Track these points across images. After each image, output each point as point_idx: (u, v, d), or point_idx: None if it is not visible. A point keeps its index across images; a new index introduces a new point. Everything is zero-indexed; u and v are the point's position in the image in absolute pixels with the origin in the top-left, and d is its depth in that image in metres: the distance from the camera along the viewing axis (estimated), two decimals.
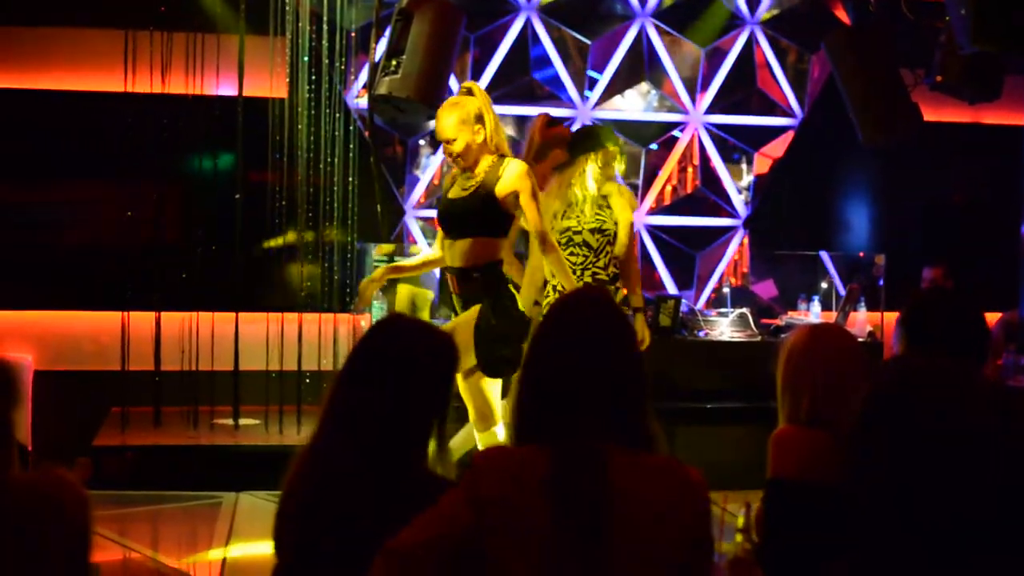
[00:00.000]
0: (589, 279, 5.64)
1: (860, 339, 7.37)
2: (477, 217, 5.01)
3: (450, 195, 5.15)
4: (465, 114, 5.06)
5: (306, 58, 7.46)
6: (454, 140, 5.05)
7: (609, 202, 5.70)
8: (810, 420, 3.04)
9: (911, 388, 1.79)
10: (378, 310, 7.13)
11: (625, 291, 5.76)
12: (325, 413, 2.75)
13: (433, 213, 9.02)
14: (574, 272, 5.62)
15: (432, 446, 2.74)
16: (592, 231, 5.64)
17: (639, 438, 2.33)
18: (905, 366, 1.88)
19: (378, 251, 7.71)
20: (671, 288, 8.89)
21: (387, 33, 6.71)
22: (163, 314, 7.37)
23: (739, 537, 2.66)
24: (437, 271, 6.67)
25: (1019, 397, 1.80)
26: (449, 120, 5.06)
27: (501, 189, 4.95)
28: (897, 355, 2.49)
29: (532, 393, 2.37)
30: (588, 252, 5.67)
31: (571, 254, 5.66)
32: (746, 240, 9.24)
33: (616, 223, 5.68)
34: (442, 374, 2.79)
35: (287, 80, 7.48)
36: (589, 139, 5.73)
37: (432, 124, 8.50)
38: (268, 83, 7.41)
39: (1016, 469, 1.73)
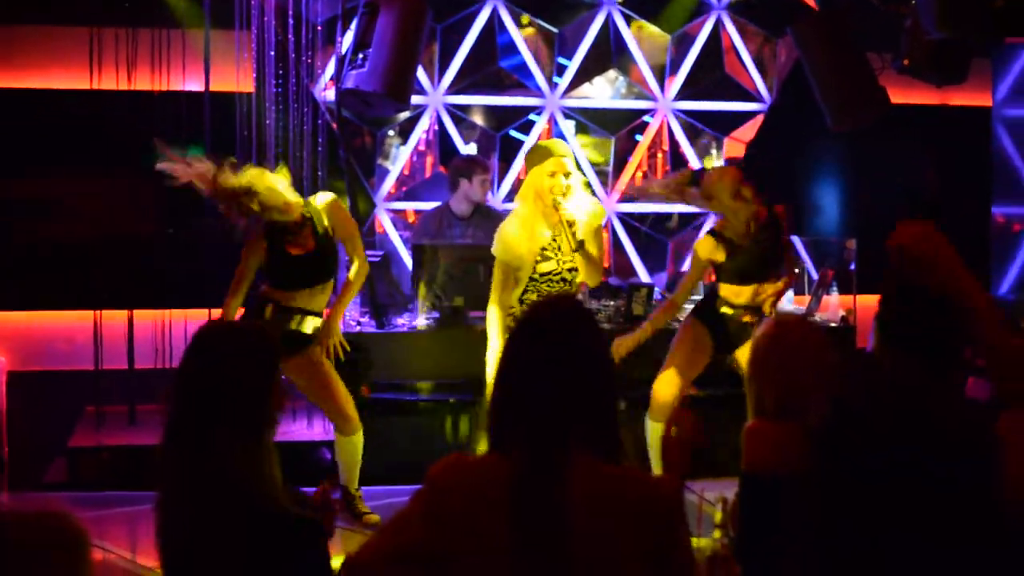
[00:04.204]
0: None
1: (833, 324, 7.40)
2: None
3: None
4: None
5: (272, 52, 7.42)
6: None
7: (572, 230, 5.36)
8: (777, 413, 3.04)
9: (874, 399, 1.80)
10: None
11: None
12: (165, 428, 2.73)
13: (404, 204, 9.06)
14: None
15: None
16: (570, 269, 5.47)
17: (605, 448, 2.30)
18: (871, 376, 1.89)
19: None
20: (643, 276, 8.90)
21: (353, 26, 6.67)
22: (135, 312, 7.33)
23: (717, 533, 2.67)
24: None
25: (982, 411, 1.82)
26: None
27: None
28: (867, 356, 2.49)
29: (503, 401, 2.36)
30: (566, 288, 5.50)
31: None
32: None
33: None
34: (263, 377, 2.72)
35: (253, 74, 7.44)
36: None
37: (403, 116, 8.55)
38: (235, 78, 7.38)
39: (975, 474, 1.74)
